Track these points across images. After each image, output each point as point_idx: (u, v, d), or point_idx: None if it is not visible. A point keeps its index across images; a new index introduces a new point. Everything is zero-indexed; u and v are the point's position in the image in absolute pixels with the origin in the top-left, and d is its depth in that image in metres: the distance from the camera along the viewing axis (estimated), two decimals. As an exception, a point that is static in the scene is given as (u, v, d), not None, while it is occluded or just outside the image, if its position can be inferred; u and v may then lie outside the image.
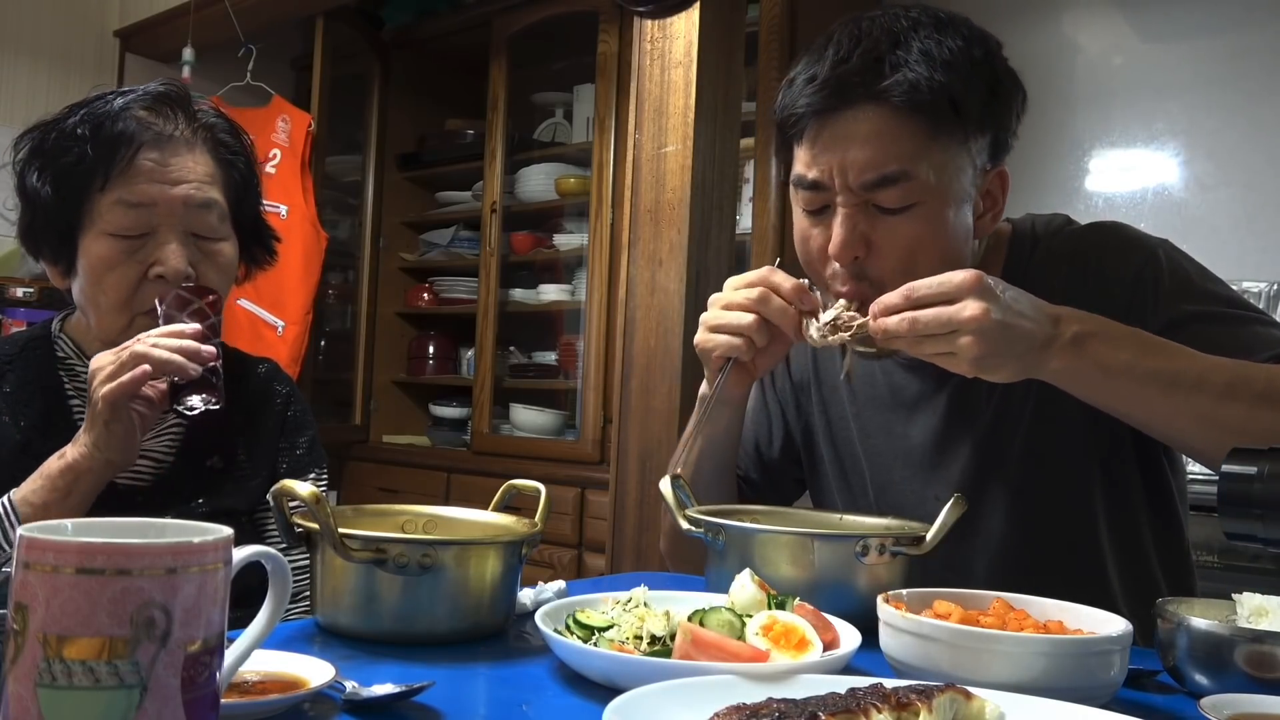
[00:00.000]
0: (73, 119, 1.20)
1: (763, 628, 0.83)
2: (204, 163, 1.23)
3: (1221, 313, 1.11)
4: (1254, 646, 0.80)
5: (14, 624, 0.54)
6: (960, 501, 1.03)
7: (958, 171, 1.09)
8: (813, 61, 1.11)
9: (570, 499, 3.11)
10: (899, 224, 1.09)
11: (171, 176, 1.19)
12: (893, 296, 1.00)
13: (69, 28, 3.96)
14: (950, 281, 0.97)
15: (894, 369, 1.27)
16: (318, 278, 3.73)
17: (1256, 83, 2.63)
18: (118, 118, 1.19)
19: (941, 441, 1.23)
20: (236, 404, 1.32)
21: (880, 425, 1.28)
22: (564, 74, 3.70)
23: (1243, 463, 0.75)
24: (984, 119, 1.09)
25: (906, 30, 1.08)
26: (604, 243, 3.29)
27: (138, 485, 1.23)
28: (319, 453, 1.38)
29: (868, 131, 1.07)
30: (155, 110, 1.22)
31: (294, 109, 3.80)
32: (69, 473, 1.10)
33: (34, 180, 1.21)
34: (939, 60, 1.05)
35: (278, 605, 0.66)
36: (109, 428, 1.08)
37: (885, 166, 1.07)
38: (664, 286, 1.80)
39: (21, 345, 1.28)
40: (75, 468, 1.10)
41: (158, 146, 1.19)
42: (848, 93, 1.07)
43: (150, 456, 1.24)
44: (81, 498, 1.11)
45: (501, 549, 0.94)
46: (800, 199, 1.15)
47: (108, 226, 1.18)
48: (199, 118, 1.25)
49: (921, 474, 1.24)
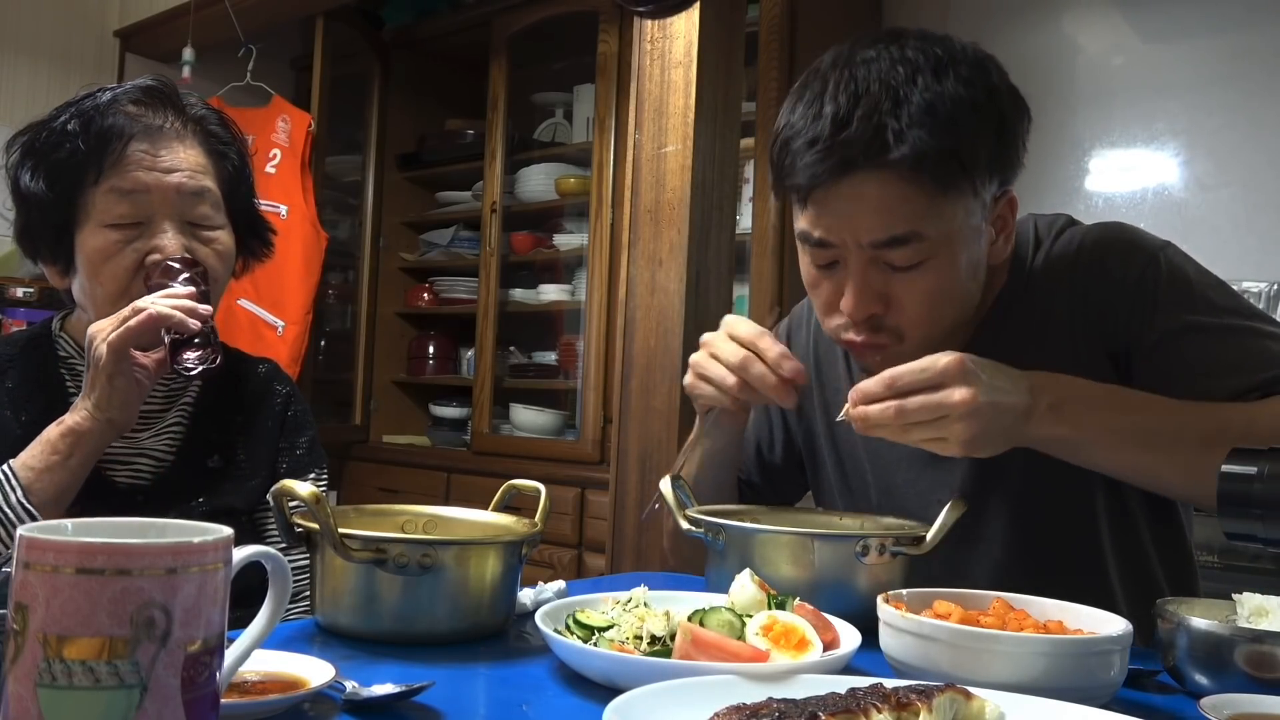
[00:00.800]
0: (63, 117, 1.21)
1: (763, 628, 0.83)
2: (195, 153, 1.24)
3: (1219, 324, 1.10)
4: (1254, 646, 0.80)
5: (14, 624, 0.54)
6: (960, 503, 1.03)
7: (968, 216, 1.07)
8: (810, 117, 1.06)
9: (570, 499, 3.11)
10: (915, 279, 1.07)
11: (163, 165, 1.20)
12: (873, 384, 0.98)
13: (69, 28, 3.96)
14: (934, 367, 0.96)
15: None
16: (318, 278, 3.73)
17: (1256, 83, 2.63)
18: (107, 112, 1.19)
19: None
20: (236, 404, 1.33)
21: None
22: (564, 74, 3.70)
23: (1243, 463, 0.75)
24: (991, 167, 1.07)
25: (904, 83, 1.03)
26: (604, 243, 3.29)
27: (138, 485, 1.23)
28: (319, 453, 1.38)
29: (874, 198, 1.04)
30: (144, 104, 1.22)
31: (294, 109, 3.80)
32: (69, 435, 1.10)
33: (28, 180, 1.21)
34: (942, 117, 1.02)
35: (278, 605, 0.66)
36: (112, 383, 1.09)
37: (894, 229, 1.05)
38: (664, 286, 1.80)
39: (22, 345, 1.28)
40: (75, 430, 1.10)
41: (148, 138, 1.20)
42: (850, 163, 1.03)
43: (151, 456, 1.24)
44: (81, 461, 1.11)
45: (501, 549, 0.94)
46: (808, 253, 1.13)
47: (103, 218, 1.18)
48: (188, 110, 1.26)
49: (925, 476, 1.23)
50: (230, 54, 3.78)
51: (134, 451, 1.23)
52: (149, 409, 1.25)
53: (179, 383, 1.30)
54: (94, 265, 1.19)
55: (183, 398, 1.30)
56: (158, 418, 1.27)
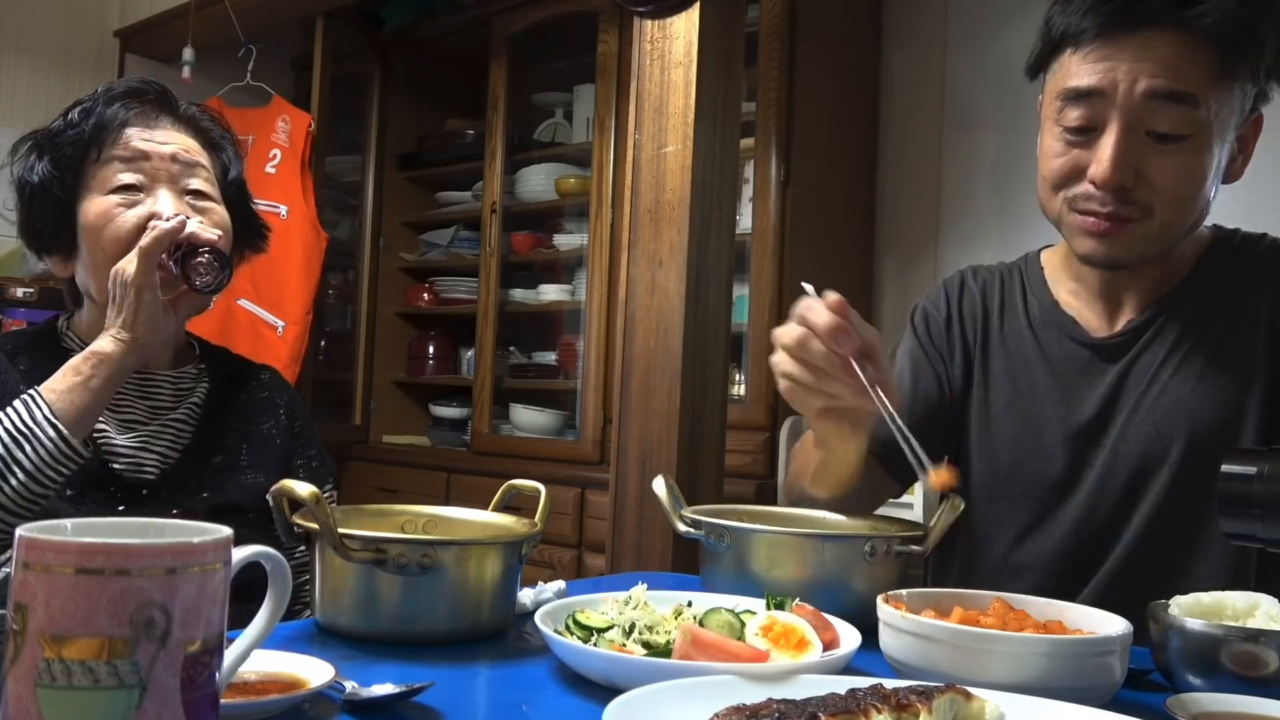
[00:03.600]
0: (67, 116, 1.29)
1: (762, 628, 0.84)
2: (190, 139, 1.31)
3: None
4: (1243, 646, 0.80)
5: (14, 624, 0.54)
6: (957, 501, 1.03)
7: (1232, 113, 1.08)
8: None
9: (570, 499, 3.11)
10: (1175, 152, 1.06)
11: (159, 139, 1.28)
12: None
13: (69, 28, 3.96)
14: None
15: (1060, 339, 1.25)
16: (318, 278, 3.72)
17: (1256, 83, 2.63)
18: (108, 104, 1.27)
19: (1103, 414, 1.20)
20: (239, 407, 1.37)
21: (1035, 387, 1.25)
22: (564, 74, 3.70)
23: (1242, 463, 0.76)
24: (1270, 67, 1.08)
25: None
26: (604, 243, 3.29)
27: (144, 480, 1.25)
28: (330, 463, 1.44)
29: (1164, 50, 1.03)
30: (139, 97, 1.30)
31: (294, 109, 3.80)
32: (92, 358, 1.13)
33: (34, 167, 1.27)
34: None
35: (278, 605, 0.66)
36: (140, 296, 1.13)
37: (1178, 84, 1.03)
38: (664, 286, 1.79)
39: (30, 337, 1.33)
40: (98, 353, 1.14)
41: (144, 121, 1.28)
42: (1151, 12, 1.03)
43: (156, 452, 1.26)
44: (103, 384, 1.13)
45: (501, 549, 0.94)
46: (1063, 116, 1.10)
47: (104, 187, 1.24)
48: (179, 108, 1.33)
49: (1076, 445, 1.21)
50: (230, 54, 3.78)
51: (140, 448, 1.25)
52: (158, 404, 1.29)
53: (185, 383, 1.33)
54: (96, 231, 1.23)
55: (189, 398, 1.32)
56: (165, 411, 1.29)
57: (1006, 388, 1.27)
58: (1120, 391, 1.20)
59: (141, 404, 1.28)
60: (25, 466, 1.07)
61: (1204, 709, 0.74)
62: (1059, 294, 1.29)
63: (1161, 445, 1.16)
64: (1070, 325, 1.25)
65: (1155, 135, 1.06)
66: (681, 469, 1.70)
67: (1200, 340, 1.17)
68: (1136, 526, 1.17)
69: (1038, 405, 1.24)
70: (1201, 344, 1.17)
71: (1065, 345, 1.25)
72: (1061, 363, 1.25)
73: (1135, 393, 1.19)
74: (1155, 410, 1.17)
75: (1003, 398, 1.27)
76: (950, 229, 3.02)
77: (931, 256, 3.04)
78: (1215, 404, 1.14)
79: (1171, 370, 1.18)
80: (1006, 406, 1.27)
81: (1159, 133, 1.06)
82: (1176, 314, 1.19)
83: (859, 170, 3.12)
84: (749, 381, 2.88)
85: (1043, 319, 1.28)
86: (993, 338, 1.31)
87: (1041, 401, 1.24)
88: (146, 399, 1.28)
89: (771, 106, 2.83)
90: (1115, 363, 1.21)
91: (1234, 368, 1.15)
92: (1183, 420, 1.15)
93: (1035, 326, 1.28)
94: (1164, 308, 1.20)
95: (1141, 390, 1.19)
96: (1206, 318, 1.18)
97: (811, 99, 2.89)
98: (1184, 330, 1.18)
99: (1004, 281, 1.34)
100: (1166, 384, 1.17)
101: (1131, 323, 1.21)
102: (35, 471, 1.08)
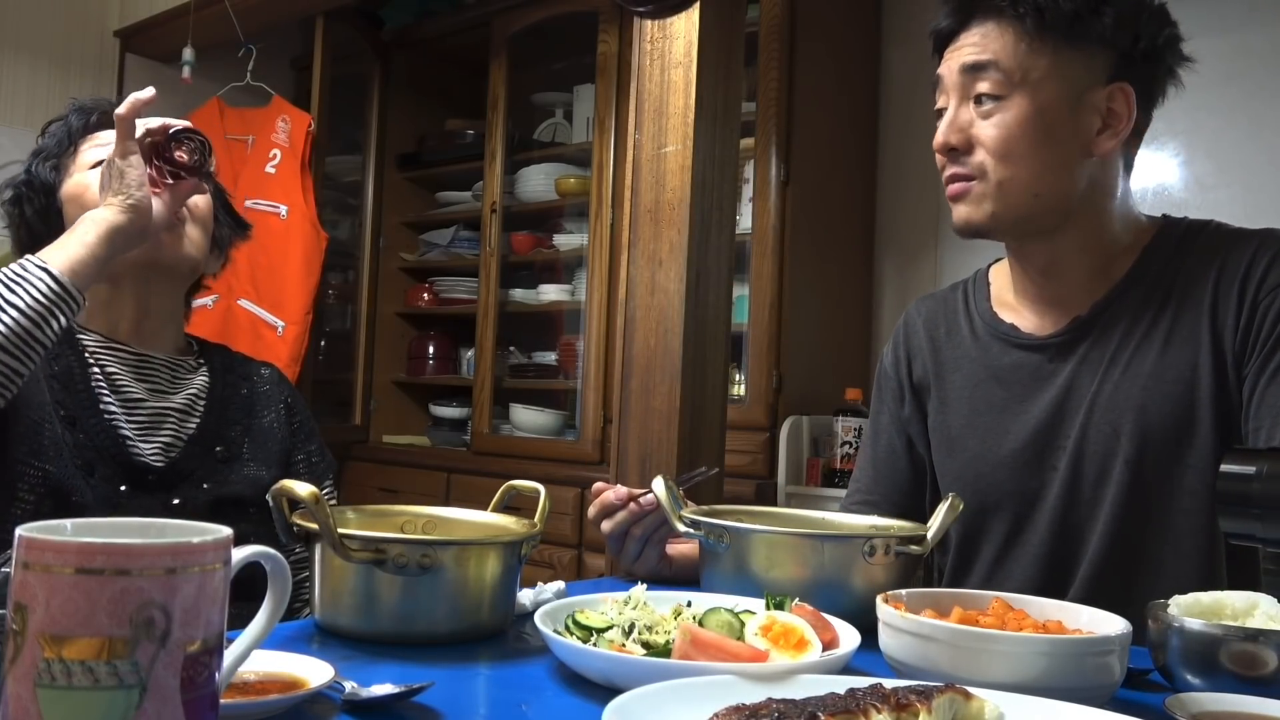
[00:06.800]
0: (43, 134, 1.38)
1: (762, 628, 0.84)
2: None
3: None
4: (1243, 645, 0.80)
5: (13, 624, 0.54)
6: (957, 501, 1.03)
7: (1061, 78, 1.16)
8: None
9: (570, 499, 3.11)
10: (992, 113, 1.17)
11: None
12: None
13: (69, 28, 3.96)
14: None
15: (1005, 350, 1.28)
16: (318, 278, 3.72)
17: (1256, 83, 2.62)
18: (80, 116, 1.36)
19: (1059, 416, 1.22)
20: (240, 400, 1.39)
21: (990, 402, 1.27)
22: (564, 74, 3.70)
23: (1241, 462, 0.76)
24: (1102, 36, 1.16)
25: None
26: (604, 243, 3.29)
27: (150, 465, 1.26)
28: (330, 459, 1.46)
29: (977, 35, 1.19)
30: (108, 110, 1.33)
31: (294, 109, 3.80)
32: (86, 220, 1.14)
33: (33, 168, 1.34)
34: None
35: (277, 605, 0.66)
36: (126, 161, 1.14)
37: (980, 56, 1.17)
38: (664, 286, 1.80)
39: None
40: (93, 216, 1.14)
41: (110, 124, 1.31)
42: (966, 10, 1.20)
43: (159, 442, 1.28)
44: (98, 240, 1.12)
45: (501, 549, 0.94)
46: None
47: (82, 165, 1.32)
48: None
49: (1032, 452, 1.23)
50: (230, 54, 3.78)
51: (146, 432, 1.27)
52: (155, 386, 1.31)
53: (183, 372, 1.36)
54: (78, 201, 1.29)
55: (188, 387, 1.34)
56: (163, 395, 1.31)
57: (963, 408, 1.30)
58: (1072, 391, 1.21)
59: (139, 384, 1.29)
60: (19, 306, 1.06)
61: (1203, 709, 0.74)
62: (1003, 304, 1.31)
63: (1119, 442, 1.16)
64: (1012, 332, 1.27)
65: (976, 101, 1.18)
66: (681, 469, 1.70)
67: (1148, 333, 1.17)
68: (1103, 526, 1.17)
69: (995, 419, 1.26)
70: (1150, 337, 1.17)
71: (1011, 354, 1.26)
72: (1010, 372, 1.26)
73: (1089, 391, 1.19)
74: (1111, 408, 1.17)
75: (960, 419, 1.30)
76: (950, 229, 3.02)
77: (931, 256, 3.04)
78: (1166, 398, 1.15)
79: (1122, 367, 1.18)
80: (965, 427, 1.29)
81: (978, 96, 1.18)
82: (1123, 308, 1.20)
83: (859, 170, 3.12)
84: (749, 381, 2.88)
85: (986, 333, 1.30)
86: (945, 364, 1.33)
87: (998, 415, 1.26)
88: (144, 380, 1.30)
89: (771, 106, 2.83)
90: (1065, 362, 1.22)
91: (1181, 359, 1.15)
92: (1135, 416, 1.16)
93: (981, 342, 1.30)
94: (1109, 302, 1.20)
95: (1095, 388, 1.19)
96: (1153, 309, 1.18)
97: (811, 99, 2.89)
98: (1131, 324, 1.19)
99: (947, 304, 1.38)
100: (1118, 381, 1.17)
101: (1076, 319, 1.22)
102: (29, 310, 1.06)
